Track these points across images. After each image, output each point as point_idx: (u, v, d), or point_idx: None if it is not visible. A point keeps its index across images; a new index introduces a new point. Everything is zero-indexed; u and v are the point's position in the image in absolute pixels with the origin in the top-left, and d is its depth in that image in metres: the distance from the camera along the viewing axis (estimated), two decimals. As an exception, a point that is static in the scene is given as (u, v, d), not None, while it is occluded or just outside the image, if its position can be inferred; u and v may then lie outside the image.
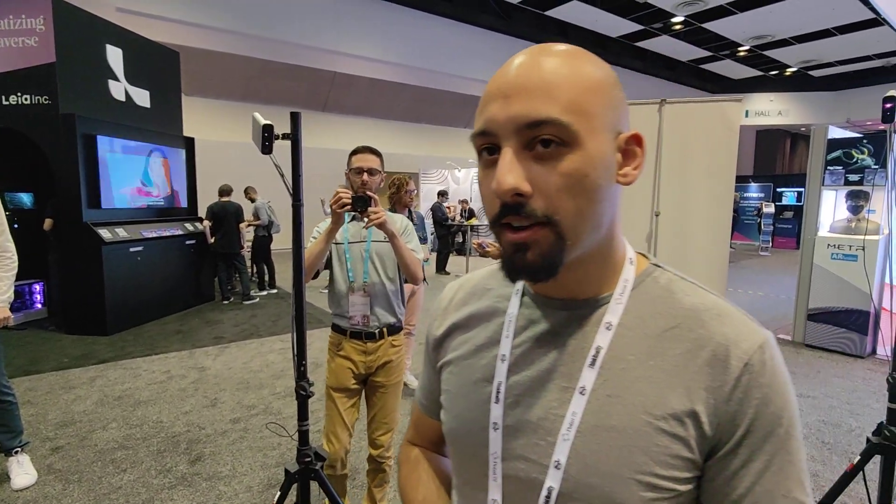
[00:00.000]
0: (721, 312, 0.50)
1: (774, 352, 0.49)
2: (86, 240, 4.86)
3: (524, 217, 0.46)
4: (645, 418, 0.47)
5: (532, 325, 0.55)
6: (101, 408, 3.33)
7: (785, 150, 19.06)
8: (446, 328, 0.65)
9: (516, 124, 0.45)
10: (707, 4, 10.74)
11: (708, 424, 0.47)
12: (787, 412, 0.47)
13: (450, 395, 0.61)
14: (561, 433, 0.50)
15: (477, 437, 0.55)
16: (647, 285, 0.53)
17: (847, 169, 4.59)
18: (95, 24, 5.18)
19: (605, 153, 0.47)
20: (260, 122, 1.53)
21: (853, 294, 4.39)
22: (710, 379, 0.47)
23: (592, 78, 0.47)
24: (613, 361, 0.50)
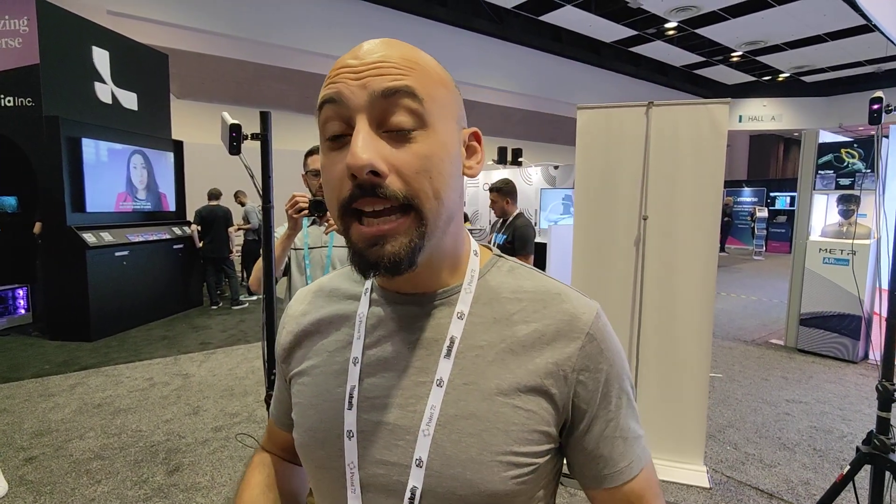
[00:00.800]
0: (560, 292, 0.53)
1: (605, 319, 0.53)
2: (70, 244, 4.78)
3: (382, 199, 0.43)
4: (501, 399, 0.48)
5: (383, 324, 0.54)
6: (80, 416, 3.25)
7: (778, 155, 19.16)
8: (293, 337, 0.61)
9: (371, 94, 0.43)
10: (700, 10, 10.79)
11: (560, 396, 0.49)
12: (625, 366, 0.53)
13: (301, 407, 0.57)
14: (421, 429, 0.48)
15: (331, 448, 0.52)
16: (492, 274, 0.55)
17: (838, 173, 4.58)
18: (81, 26, 5.12)
19: (453, 141, 0.48)
20: (227, 122, 1.48)
21: (845, 298, 4.36)
22: (556, 352, 0.49)
23: (440, 70, 0.49)
24: (467, 350, 0.50)
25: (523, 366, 0.49)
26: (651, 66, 14.92)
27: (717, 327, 5.68)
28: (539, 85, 13.01)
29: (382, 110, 0.44)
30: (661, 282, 2.62)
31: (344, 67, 0.45)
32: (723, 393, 3.72)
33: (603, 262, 2.71)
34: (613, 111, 2.72)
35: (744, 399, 3.61)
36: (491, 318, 0.51)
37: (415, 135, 0.44)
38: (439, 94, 0.47)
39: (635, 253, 2.69)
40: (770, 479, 2.59)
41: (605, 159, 2.71)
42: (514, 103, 13.44)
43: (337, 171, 0.45)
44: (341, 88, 0.44)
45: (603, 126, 2.72)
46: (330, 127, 0.46)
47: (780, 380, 4.00)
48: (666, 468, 2.59)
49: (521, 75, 13.02)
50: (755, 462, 2.75)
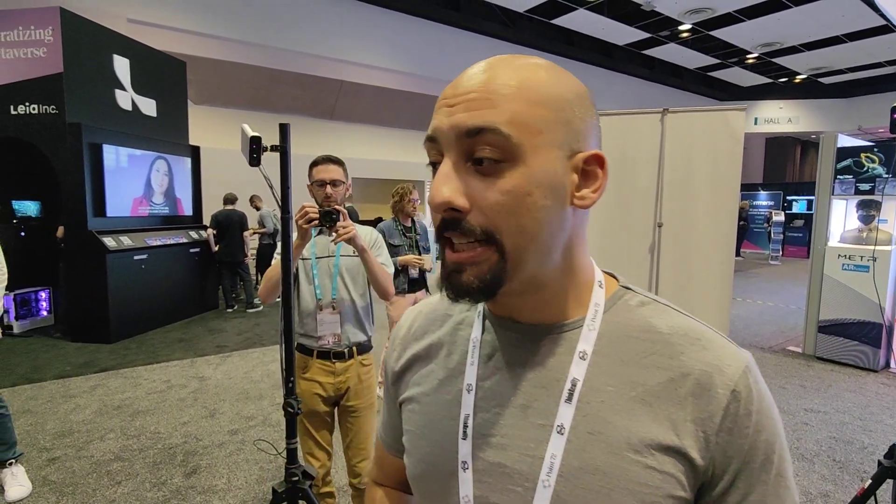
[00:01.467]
0: (700, 336, 0.47)
1: (758, 374, 0.46)
2: (90, 248, 4.89)
3: (463, 233, 0.43)
4: (631, 456, 0.44)
5: (498, 354, 0.51)
6: (100, 417, 3.32)
7: (795, 158, 18.85)
8: (406, 360, 0.60)
9: (456, 132, 0.43)
10: (715, 12, 10.68)
11: (700, 458, 0.44)
12: (778, 436, 0.46)
13: (412, 435, 0.56)
14: (540, 479, 0.45)
15: (445, 481, 0.50)
16: (618, 309, 0.50)
17: (857, 178, 4.50)
18: (103, 35, 5.25)
19: (552, 172, 0.44)
20: (248, 134, 1.51)
21: (865, 306, 4.28)
22: (696, 409, 0.44)
23: (544, 91, 0.44)
24: (591, 394, 0.46)
25: (657, 420, 0.44)
26: (665, 69, 14.80)
27: (733, 334, 5.60)
28: (551, 88, 12.96)
29: (469, 146, 0.43)
30: (677, 288, 2.61)
31: (443, 98, 0.46)
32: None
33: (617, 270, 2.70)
34: (628, 118, 2.72)
35: (761, 408, 3.56)
36: (618, 360, 0.47)
37: (501, 167, 0.42)
38: (538, 121, 0.43)
39: (650, 260, 2.69)
40: (788, 490, 2.55)
41: (620, 166, 2.70)
42: (526, 107, 13.40)
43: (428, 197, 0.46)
44: (436, 125, 0.45)
45: (618, 133, 2.71)
46: (431, 156, 0.47)
47: (799, 388, 3.94)
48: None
49: (533, 79, 13.01)
50: (773, 472, 2.71)
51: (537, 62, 0.46)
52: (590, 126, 0.47)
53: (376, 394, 1.99)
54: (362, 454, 1.91)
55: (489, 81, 0.43)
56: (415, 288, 3.45)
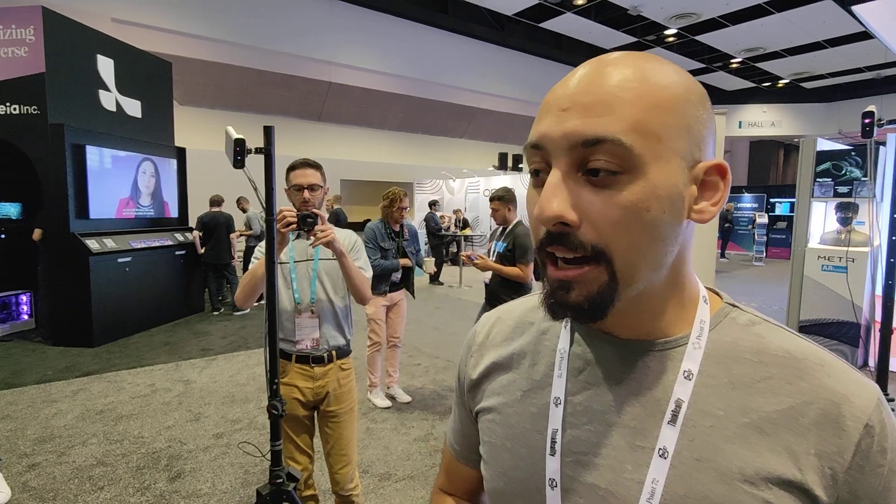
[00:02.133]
0: (823, 362, 0.43)
1: (889, 409, 0.42)
2: (73, 250, 4.82)
3: (570, 248, 0.40)
4: (744, 487, 0.40)
5: (590, 367, 0.48)
6: (82, 422, 3.27)
7: (778, 161, 19.19)
8: (484, 368, 0.56)
9: (570, 141, 0.39)
10: (699, 17, 10.86)
11: (825, 496, 0.40)
12: None
13: (493, 447, 0.52)
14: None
15: (530, 497, 0.47)
16: (725, 326, 0.46)
17: (836, 181, 4.61)
18: (86, 35, 5.19)
19: (673, 184, 0.40)
20: (232, 136, 1.51)
21: (844, 306, 4.38)
22: (821, 442, 0.40)
23: (667, 93, 0.40)
24: (698, 417, 0.42)
25: (774, 450, 0.40)
26: (651, 73, 14.99)
27: (717, 334, 5.68)
28: (540, 91, 13.07)
29: (582, 155, 0.40)
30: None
31: (552, 103, 0.42)
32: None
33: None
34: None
35: (743, 406, 3.62)
36: (727, 383, 0.43)
37: (618, 179, 0.39)
38: (661, 126, 0.39)
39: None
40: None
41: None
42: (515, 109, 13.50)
43: (534, 209, 0.42)
44: (544, 132, 0.41)
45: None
46: (533, 165, 0.44)
47: None
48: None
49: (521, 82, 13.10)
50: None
51: (653, 58, 0.42)
52: (710, 131, 0.43)
53: (356, 398, 1.97)
54: (344, 460, 1.89)
55: (605, 82, 0.40)
56: (393, 289, 3.46)
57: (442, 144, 14.34)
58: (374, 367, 3.60)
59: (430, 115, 13.13)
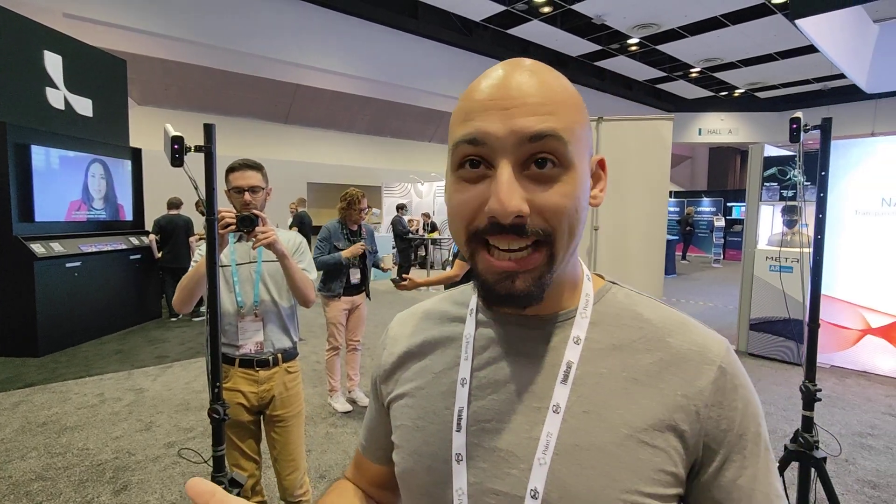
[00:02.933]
0: (683, 321, 0.50)
1: (736, 356, 0.49)
2: (16, 255, 4.57)
3: (524, 237, 0.43)
4: (626, 432, 0.45)
5: (493, 346, 0.52)
6: (22, 435, 3.11)
7: (735, 167, 20.00)
8: (397, 358, 0.60)
9: (518, 137, 0.42)
10: (660, 27, 11.24)
11: (691, 434, 0.45)
12: (760, 409, 0.48)
13: (404, 429, 0.55)
14: (536, 457, 0.45)
15: (438, 472, 0.50)
16: (607, 300, 0.53)
17: (781, 185, 4.84)
18: (32, 30, 4.95)
19: (586, 176, 0.47)
20: (170, 134, 1.47)
21: (790, 304, 4.59)
22: (685, 385, 0.46)
23: (579, 99, 0.47)
24: (586, 376, 0.48)
25: (650, 397, 0.46)
26: (616, 81, 15.40)
27: (675, 333, 5.87)
28: (507, 97, 13.24)
29: (528, 152, 0.43)
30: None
31: (487, 101, 0.44)
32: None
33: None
34: (565, 125, 2.82)
35: (696, 402, 3.75)
36: (610, 345, 0.49)
37: (559, 173, 0.44)
38: (579, 127, 0.45)
39: (588, 262, 2.78)
40: (716, 479, 2.69)
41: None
42: (483, 114, 13.60)
43: (469, 198, 0.44)
44: (485, 128, 0.43)
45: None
46: (467, 160, 0.45)
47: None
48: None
49: (489, 87, 13.23)
50: (703, 463, 2.85)
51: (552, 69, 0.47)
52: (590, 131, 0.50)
53: (304, 402, 1.94)
54: (291, 466, 1.85)
55: (543, 87, 0.44)
56: (352, 292, 3.42)
57: (410, 148, 14.33)
58: (333, 371, 3.55)
59: (398, 119, 13.11)
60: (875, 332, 4.39)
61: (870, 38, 7.20)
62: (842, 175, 4.41)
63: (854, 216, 4.46)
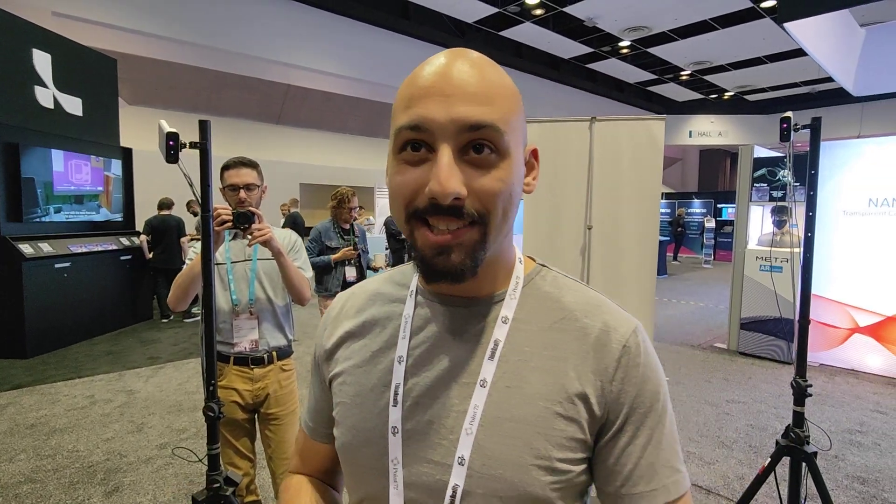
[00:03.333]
0: (600, 304, 0.55)
1: (645, 336, 0.54)
2: (4, 255, 4.51)
3: (460, 218, 0.46)
4: (543, 405, 0.49)
5: (429, 325, 0.55)
6: (10, 438, 3.06)
7: (726, 169, 20.22)
8: (338, 338, 0.61)
9: (458, 126, 0.45)
10: (651, 31, 11.34)
11: (597, 405, 0.50)
12: (662, 388, 0.52)
13: (344, 406, 0.57)
14: (464, 428, 0.49)
15: (375, 445, 0.53)
16: (536, 283, 0.56)
17: (771, 186, 4.90)
18: (20, 27, 4.89)
19: (520, 163, 0.50)
20: (164, 130, 1.46)
21: (780, 303, 4.65)
22: (595, 362, 0.51)
23: (515, 90, 0.50)
24: (511, 354, 0.52)
25: (565, 373, 0.50)
26: (608, 83, 15.52)
27: (666, 332, 5.91)
28: (500, 98, 13.26)
29: (467, 139, 0.45)
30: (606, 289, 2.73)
31: (429, 88, 0.46)
32: (670, 395, 3.87)
33: (551, 270, 2.81)
34: (559, 125, 2.83)
35: (688, 400, 3.78)
36: (535, 326, 0.53)
37: (495, 160, 0.46)
38: (516, 118, 0.48)
39: (581, 261, 2.80)
40: (709, 475, 2.72)
41: (553, 171, 2.81)
42: (476, 115, 13.63)
43: (410, 182, 0.47)
44: (427, 115, 0.45)
45: (549, 139, 2.83)
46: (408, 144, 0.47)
47: (722, 381, 4.21)
48: (612, 469, 2.68)
49: (482, 88, 13.26)
50: (696, 460, 2.88)
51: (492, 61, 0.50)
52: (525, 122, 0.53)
53: (298, 400, 1.93)
54: (286, 464, 1.84)
55: (483, 79, 0.46)
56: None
57: (404, 149, 14.29)
58: None
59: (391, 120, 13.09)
60: (863, 330, 4.46)
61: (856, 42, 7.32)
62: (830, 176, 4.48)
63: (842, 217, 4.53)
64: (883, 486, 2.62)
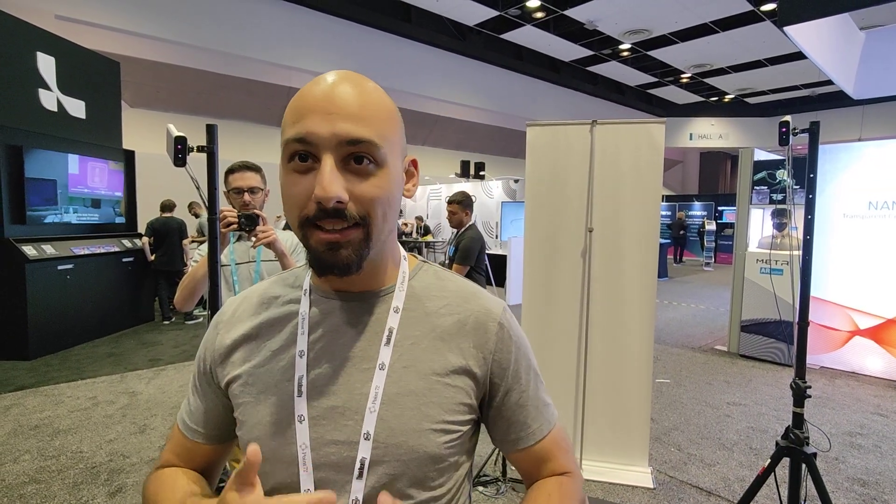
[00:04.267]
0: (476, 291, 0.65)
1: (511, 314, 0.66)
2: (7, 257, 4.53)
3: (344, 220, 0.52)
4: (434, 378, 0.58)
5: (326, 319, 0.60)
6: (14, 438, 3.08)
7: (726, 171, 20.24)
8: (232, 341, 0.63)
9: (339, 140, 0.51)
10: (651, 33, 11.37)
11: (480, 372, 0.60)
12: (529, 349, 0.66)
13: (247, 406, 0.59)
14: (367, 407, 0.55)
15: (282, 436, 0.56)
16: (420, 276, 0.65)
17: (771, 189, 4.92)
18: (24, 31, 4.92)
19: (400, 173, 0.58)
20: (173, 134, 1.48)
21: (780, 306, 4.66)
22: (476, 338, 0.61)
23: (393, 109, 0.57)
24: (404, 339, 0.59)
25: (451, 350, 0.59)
26: (608, 85, 15.55)
27: (667, 335, 5.92)
28: (501, 101, 13.31)
29: (347, 151, 0.52)
30: (607, 291, 2.74)
31: (314, 106, 0.52)
32: (670, 397, 3.89)
33: (552, 273, 2.81)
34: (560, 128, 2.85)
35: (689, 403, 3.79)
36: (422, 313, 0.61)
37: (373, 169, 0.53)
38: (392, 133, 0.55)
39: (582, 263, 2.81)
40: (709, 477, 2.73)
41: (553, 174, 2.83)
42: (476, 118, 13.68)
43: (300, 191, 0.52)
44: (311, 129, 0.51)
45: (551, 142, 2.84)
46: (296, 155, 0.53)
47: (723, 384, 4.22)
48: (613, 470, 2.69)
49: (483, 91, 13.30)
50: (697, 462, 2.89)
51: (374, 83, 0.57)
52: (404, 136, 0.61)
53: None
54: None
55: (362, 101, 0.53)
56: None
57: (405, 151, 14.33)
58: None
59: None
60: (863, 333, 4.47)
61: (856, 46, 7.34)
62: (830, 179, 4.49)
63: (842, 219, 4.55)
64: (883, 489, 2.63)
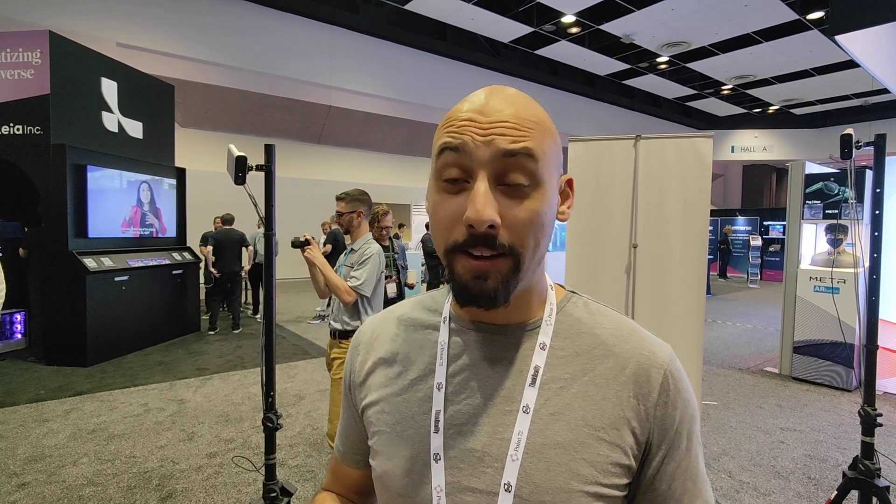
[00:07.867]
0: (635, 330, 0.56)
1: (678, 362, 0.56)
2: (70, 269, 4.83)
3: (493, 248, 0.47)
4: (587, 431, 0.50)
5: (466, 352, 0.55)
6: (74, 442, 3.24)
7: (771, 185, 19.46)
8: (371, 364, 0.62)
9: (494, 151, 0.47)
10: (690, 46, 11.17)
11: (640, 429, 0.51)
12: (696, 411, 0.55)
13: (383, 435, 0.57)
14: (509, 454, 0.50)
15: (416, 473, 0.53)
16: (568, 309, 0.57)
17: (825, 203, 4.69)
18: (91, 58, 5.31)
19: (554, 194, 0.52)
20: (234, 154, 1.56)
21: (837, 326, 4.41)
22: (637, 387, 0.52)
23: (551, 123, 0.52)
24: (552, 381, 0.52)
25: (607, 399, 0.51)
26: (644, 99, 15.32)
27: (713, 355, 5.69)
28: (535, 116, 13.29)
29: (502, 167, 0.47)
30: (653, 308, 2.68)
31: (469, 121, 0.48)
32: (718, 421, 3.72)
33: (595, 290, 2.77)
34: (603, 143, 2.83)
35: (738, 427, 3.61)
36: (572, 352, 0.54)
37: (529, 191, 0.48)
38: (551, 149, 0.50)
39: (626, 280, 2.76)
40: (765, 507, 2.58)
41: (596, 190, 2.80)
42: (511, 133, 13.68)
43: (450, 212, 0.49)
44: (467, 141, 0.47)
45: (594, 158, 2.83)
46: (448, 171, 0.49)
47: (775, 408, 4.00)
48: (660, 496, 2.59)
49: (517, 106, 13.35)
50: (749, 490, 2.74)
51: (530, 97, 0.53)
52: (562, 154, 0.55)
53: None
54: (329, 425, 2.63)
55: (518, 113, 0.49)
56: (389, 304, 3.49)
57: (439, 167, 14.48)
58: None
59: (428, 139, 13.32)
60: (931, 357, 4.17)
61: (913, 53, 6.98)
62: (889, 193, 4.25)
63: (904, 235, 4.29)
64: (962, 528, 2.42)
